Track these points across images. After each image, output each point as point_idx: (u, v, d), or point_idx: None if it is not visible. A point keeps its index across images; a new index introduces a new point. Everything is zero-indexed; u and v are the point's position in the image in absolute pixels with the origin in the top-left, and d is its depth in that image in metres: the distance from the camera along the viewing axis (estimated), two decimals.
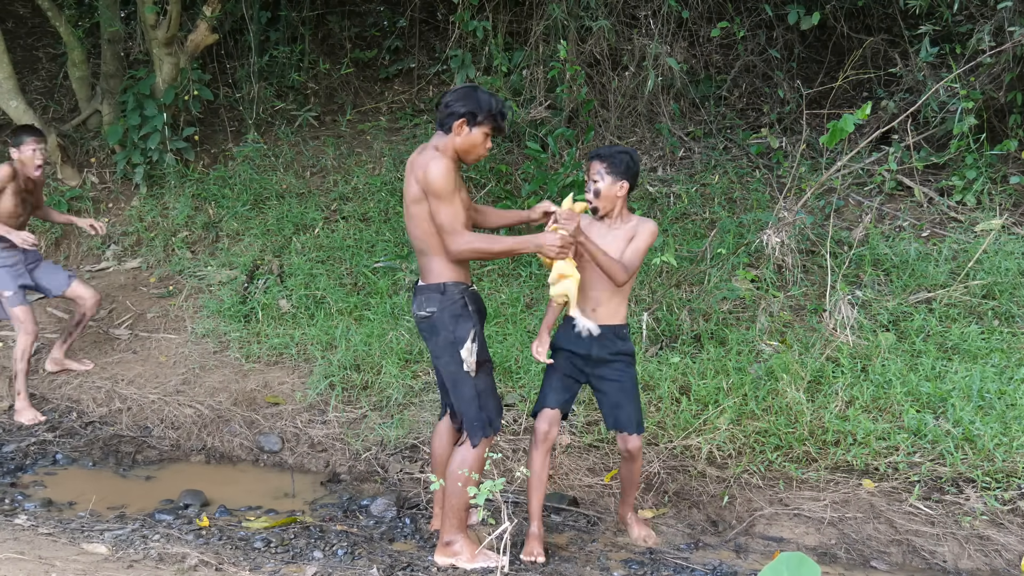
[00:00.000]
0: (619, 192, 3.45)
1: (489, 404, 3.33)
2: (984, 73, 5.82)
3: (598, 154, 3.47)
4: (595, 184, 3.44)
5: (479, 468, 3.32)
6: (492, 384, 3.37)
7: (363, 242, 6.07)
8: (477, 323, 3.31)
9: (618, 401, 3.53)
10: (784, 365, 4.53)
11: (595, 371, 3.54)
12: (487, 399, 3.32)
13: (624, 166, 3.43)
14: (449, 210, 3.16)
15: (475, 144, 3.27)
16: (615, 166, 3.42)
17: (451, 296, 3.26)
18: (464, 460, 3.33)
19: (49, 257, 6.53)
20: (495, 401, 3.36)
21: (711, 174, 6.36)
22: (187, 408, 4.95)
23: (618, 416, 3.53)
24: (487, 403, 3.32)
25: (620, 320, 3.53)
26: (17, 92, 6.54)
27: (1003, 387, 4.28)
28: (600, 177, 3.43)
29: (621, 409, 3.53)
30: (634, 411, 3.53)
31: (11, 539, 3.43)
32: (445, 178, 3.15)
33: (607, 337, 3.50)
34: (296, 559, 3.50)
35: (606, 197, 3.45)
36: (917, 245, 5.44)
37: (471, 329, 3.26)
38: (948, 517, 3.76)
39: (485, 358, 3.33)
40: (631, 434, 3.53)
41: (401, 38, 7.84)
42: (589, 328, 3.41)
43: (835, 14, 6.69)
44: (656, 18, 6.46)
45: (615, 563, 3.57)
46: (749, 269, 5.42)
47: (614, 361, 3.52)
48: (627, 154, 3.46)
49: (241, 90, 7.38)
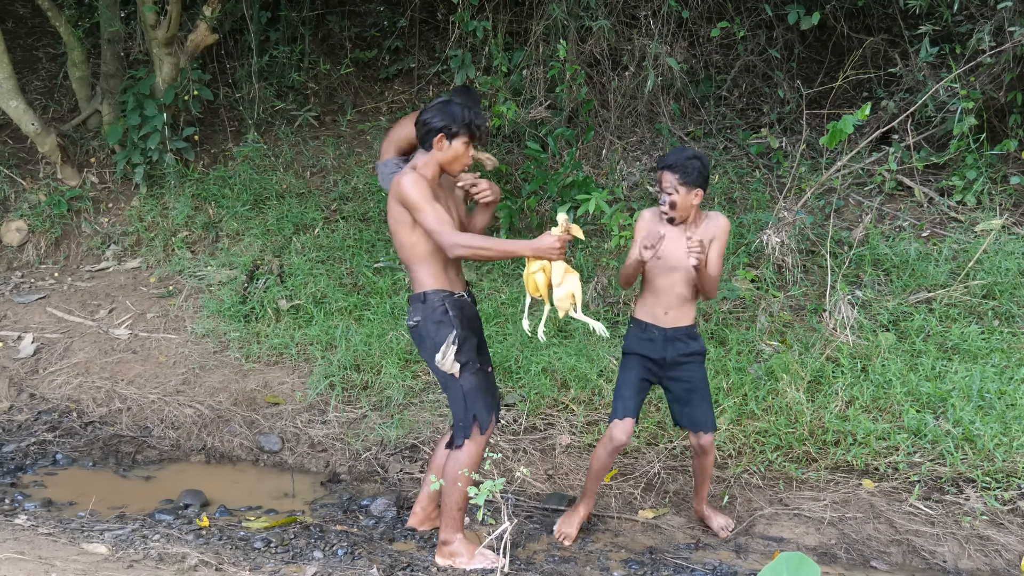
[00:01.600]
0: (695, 200, 3.44)
1: (477, 403, 3.33)
2: (984, 73, 5.81)
3: (668, 165, 3.42)
4: (670, 197, 3.42)
5: (473, 467, 3.32)
6: (482, 384, 3.37)
7: (363, 242, 6.07)
8: (460, 328, 3.32)
9: (692, 400, 3.56)
10: (784, 365, 4.53)
11: (668, 373, 3.57)
12: (474, 400, 3.33)
13: (696, 173, 3.40)
14: (431, 214, 3.20)
15: (457, 155, 3.33)
16: (688, 175, 3.39)
17: (431, 304, 3.32)
18: (457, 461, 3.35)
19: (49, 257, 6.54)
20: (485, 400, 3.36)
21: (711, 174, 6.36)
22: (187, 408, 4.95)
23: (693, 416, 3.56)
24: (474, 403, 3.33)
25: (691, 321, 3.56)
26: (17, 92, 6.53)
27: (1003, 387, 4.28)
28: (674, 190, 3.41)
29: (696, 408, 3.56)
30: (708, 409, 3.57)
31: (11, 539, 3.43)
32: (414, 187, 3.22)
33: (680, 339, 3.52)
34: (296, 559, 3.50)
35: (682, 208, 3.44)
36: (917, 245, 5.44)
37: (448, 334, 3.29)
38: (948, 517, 3.76)
39: (469, 359, 3.34)
40: (707, 432, 3.55)
41: (401, 38, 7.84)
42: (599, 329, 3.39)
43: (835, 14, 6.69)
44: (656, 18, 6.46)
45: (615, 563, 3.58)
46: (749, 269, 5.42)
47: (687, 363, 3.55)
48: (697, 159, 3.42)
49: (241, 90, 7.38)
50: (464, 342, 3.32)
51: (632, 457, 4.27)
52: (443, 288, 3.35)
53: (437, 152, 3.32)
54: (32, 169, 6.97)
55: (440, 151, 3.31)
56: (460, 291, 3.41)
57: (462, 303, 3.39)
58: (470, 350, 3.35)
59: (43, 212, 6.59)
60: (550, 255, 3.21)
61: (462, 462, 3.33)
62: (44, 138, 6.61)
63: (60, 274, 6.41)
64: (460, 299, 3.39)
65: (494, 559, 3.38)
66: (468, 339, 3.35)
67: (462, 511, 3.42)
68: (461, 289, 3.43)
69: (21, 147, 7.10)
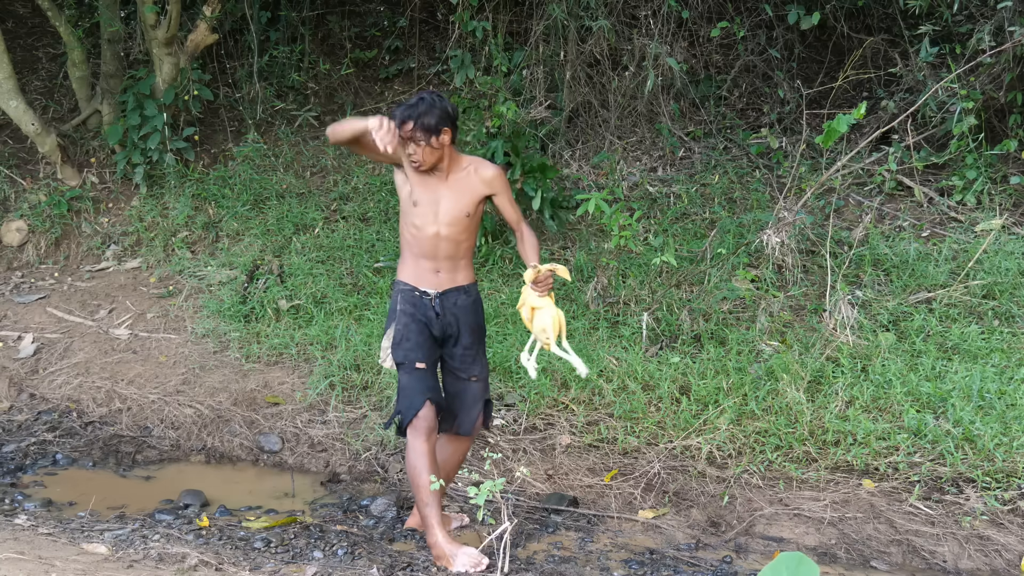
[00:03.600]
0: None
1: (403, 401, 3.42)
2: (984, 73, 5.81)
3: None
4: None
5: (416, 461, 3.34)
6: (411, 383, 3.42)
7: (363, 242, 6.07)
8: (399, 323, 3.42)
9: None
10: (784, 365, 4.53)
11: None
12: (402, 396, 3.43)
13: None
14: None
15: None
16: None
17: (392, 294, 3.54)
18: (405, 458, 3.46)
19: (49, 257, 6.55)
20: (411, 398, 3.40)
21: (711, 174, 6.36)
22: (187, 408, 4.95)
23: None
24: (401, 399, 3.43)
25: None
26: (17, 92, 6.53)
27: (1003, 387, 4.28)
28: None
29: None
30: None
31: (11, 539, 3.43)
32: None
33: None
34: (296, 559, 3.50)
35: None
36: (917, 245, 5.44)
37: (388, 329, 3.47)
38: (948, 517, 3.76)
39: (405, 360, 3.42)
40: None
41: (401, 38, 7.84)
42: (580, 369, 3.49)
43: (835, 14, 6.69)
44: (656, 18, 6.46)
45: (615, 563, 3.57)
46: (749, 269, 5.42)
47: None
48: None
49: (241, 90, 7.38)
50: (403, 340, 3.41)
51: (632, 457, 4.27)
52: (406, 281, 3.47)
53: None
54: (32, 169, 6.97)
55: None
56: (428, 288, 3.44)
57: (417, 300, 3.44)
58: (409, 349, 3.41)
59: (43, 212, 6.59)
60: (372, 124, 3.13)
61: (407, 459, 3.40)
62: (44, 138, 6.61)
63: (60, 274, 6.41)
64: (418, 296, 3.45)
65: (476, 562, 3.27)
66: (409, 335, 3.41)
67: (429, 506, 3.33)
68: (432, 287, 3.44)
69: (21, 147, 7.10)
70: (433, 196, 3.40)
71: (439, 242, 3.42)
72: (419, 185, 3.41)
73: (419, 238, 3.42)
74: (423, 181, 3.41)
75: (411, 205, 3.41)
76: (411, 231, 3.44)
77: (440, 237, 3.41)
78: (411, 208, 3.42)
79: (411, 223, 3.43)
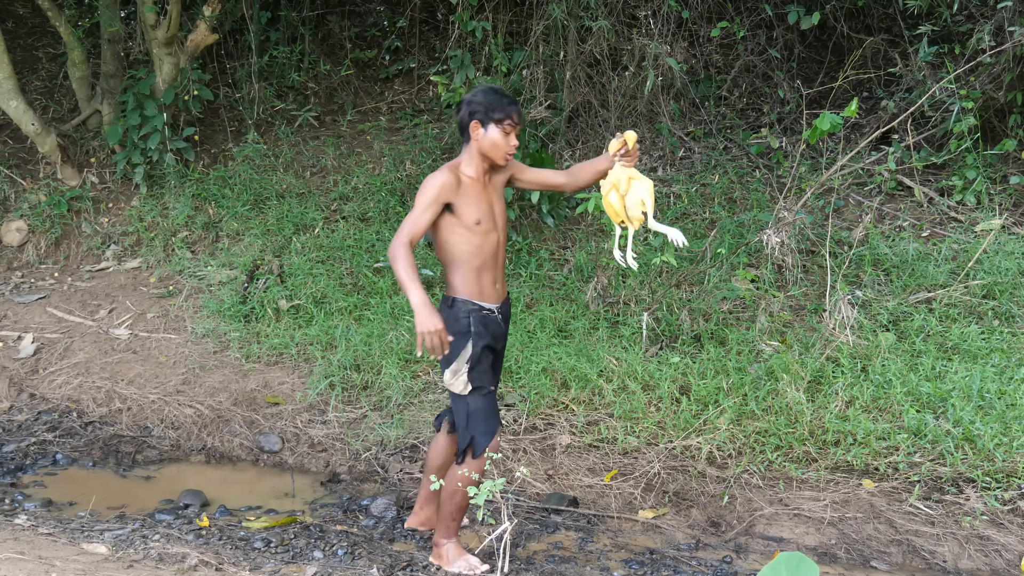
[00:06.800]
0: None
1: (477, 427, 3.27)
2: (984, 73, 5.81)
3: None
4: None
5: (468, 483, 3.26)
6: (487, 407, 3.29)
7: (363, 242, 6.07)
8: (474, 347, 3.23)
9: None
10: (784, 365, 4.53)
11: None
12: (475, 422, 3.27)
13: None
14: (413, 214, 3.16)
15: (495, 142, 3.25)
16: None
17: (456, 313, 3.25)
18: (454, 475, 3.31)
19: (49, 257, 6.55)
20: (486, 424, 3.28)
21: (711, 174, 6.36)
22: (187, 408, 4.95)
23: None
24: (474, 425, 3.27)
25: None
26: (17, 92, 6.53)
27: (1003, 387, 4.28)
28: None
29: None
30: None
31: (11, 539, 3.43)
32: (425, 186, 3.18)
33: None
34: (296, 559, 3.50)
35: None
36: (917, 245, 5.44)
37: (463, 351, 3.22)
38: (948, 517, 3.76)
39: (482, 384, 3.27)
40: None
41: (401, 38, 7.84)
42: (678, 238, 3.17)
43: (835, 14, 6.69)
44: (656, 18, 6.45)
45: (615, 563, 3.58)
46: (749, 269, 5.42)
47: None
48: None
49: (241, 90, 7.38)
50: (478, 363, 3.24)
51: (632, 457, 4.27)
52: (472, 299, 3.26)
53: (474, 141, 3.26)
54: (32, 169, 6.97)
55: (477, 139, 3.26)
56: (491, 304, 3.30)
57: (488, 319, 3.29)
58: (483, 372, 3.27)
59: (43, 212, 6.59)
60: (421, 327, 3.05)
61: (459, 477, 3.28)
62: (44, 138, 6.61)
63: (60, 274, 6.41)
64: (487, 315, 3.29)
65: (474, 566, 3.36)
66: (484, 358, 3.27)
67: (456, 521, 3.41)
68: (494, 301, 3.31)
69: (21, 147, 7.10)
70: (487, 207, 3.28)
71: (499, 249, 3.31)
72: (472, 204, 3.24)
73: (484, 249, 3.26)
74: (474, 196, 3.26)
75: (474, 224, 3.23)
76: (471, 247, 3.25)
77: (500, 244, 3.30)
78: (474, 227, 3.24)
79: (471, 242, 3.25)
